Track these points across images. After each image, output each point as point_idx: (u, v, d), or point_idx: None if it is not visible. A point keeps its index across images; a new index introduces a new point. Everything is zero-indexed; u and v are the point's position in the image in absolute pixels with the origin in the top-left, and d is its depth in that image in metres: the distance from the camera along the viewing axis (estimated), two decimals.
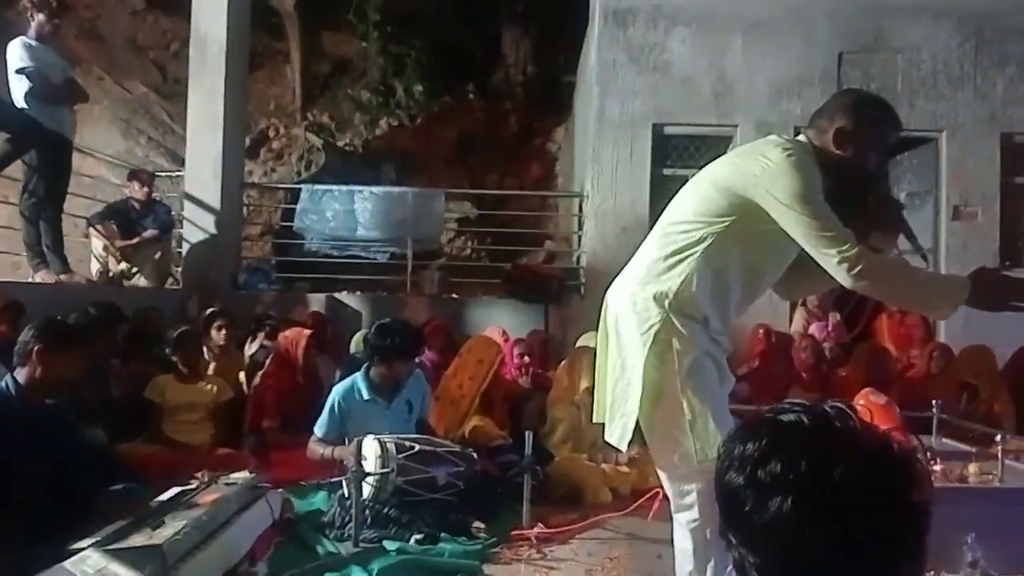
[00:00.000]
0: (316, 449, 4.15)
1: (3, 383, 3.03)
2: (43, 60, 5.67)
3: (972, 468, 3.61)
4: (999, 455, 3.54)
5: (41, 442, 2.98)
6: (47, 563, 2.05)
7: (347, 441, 4.02)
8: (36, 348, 2.95)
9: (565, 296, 7.53)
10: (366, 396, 4.15)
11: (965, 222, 7.44)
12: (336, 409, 4.14)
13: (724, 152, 7.57)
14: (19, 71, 5.57)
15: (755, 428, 1.00)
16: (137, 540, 2.52)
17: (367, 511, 3.54)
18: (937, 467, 3.64)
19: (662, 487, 2.40)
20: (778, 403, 1.04)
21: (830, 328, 6.71)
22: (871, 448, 0.96)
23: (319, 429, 4.17)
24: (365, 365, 4.28)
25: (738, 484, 0.97)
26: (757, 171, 2.16)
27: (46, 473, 2.94)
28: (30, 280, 5.97)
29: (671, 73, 7.54)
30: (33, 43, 5.66)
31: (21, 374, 2.99)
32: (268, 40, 11.72)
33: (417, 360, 5.60)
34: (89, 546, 2.31)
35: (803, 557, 0.93)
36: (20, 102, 5.59)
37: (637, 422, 2.19)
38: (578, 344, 5.50)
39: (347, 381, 4.24)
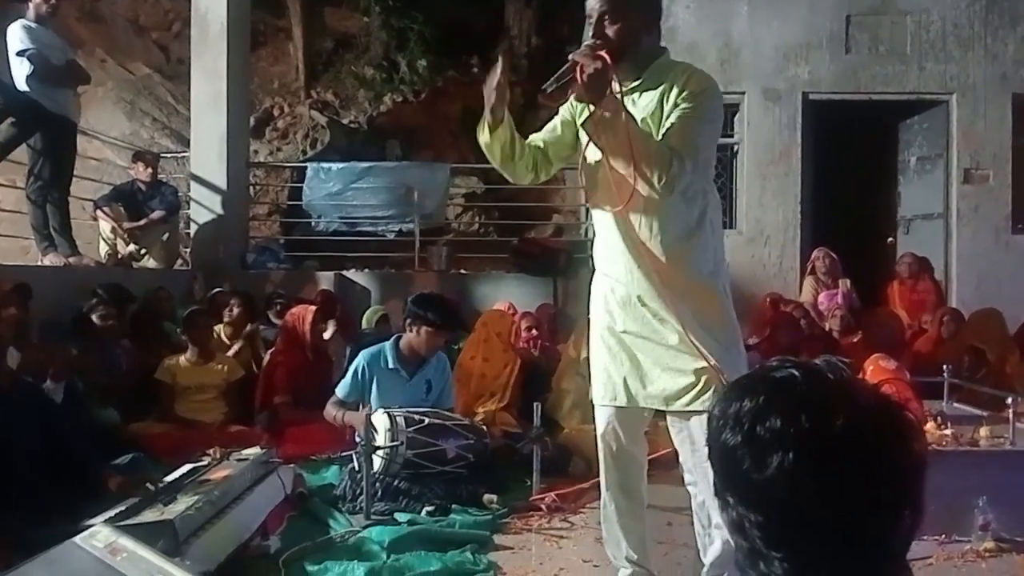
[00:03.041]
0: (331, 411, 4.19)
1: None
2: (43, 42, 5.66)
3: (983, 431, 3.60)
4: (1010, 418, 3.53)
5: (28, 422, 3.02)
6: (58, 539, 2.07)
7: (360, 407, 4.05)
8: None
9: (573, 269, 7.51)
10: (391, 365, 4.16)
11: (976, 185, 7.36)
12: (360, 373, 4.16)
13: (730, 120, 7.61)
14: (19, 53, 5.55)
15: (749, 385, 0.99)
16: (149, 516, 2.55)
17: (378, 484, 3.56)
18: (948, 431, 3.63)
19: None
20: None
21: (840, 297, 6.67)
22: (869, 399, 0.95)
23: (340, 390, 4.20)
24: (396, 336, 4.31)
25: (735, 443, 0.96)
26: None
27: (35, 451, 2.98)
28: (39, 264, 6.00)
29: (676, 40, 7.42)
30: (33, 25, 5.64)
31: None
32: (269, 17, 11.63)
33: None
34: (101, 522, 2.33)
35: (807, 511, 0.92)
36: (22, 85, 5.58)
37: None
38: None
39: (375, 347, 4.26)
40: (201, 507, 2.68)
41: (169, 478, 3.01)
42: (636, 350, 2.37)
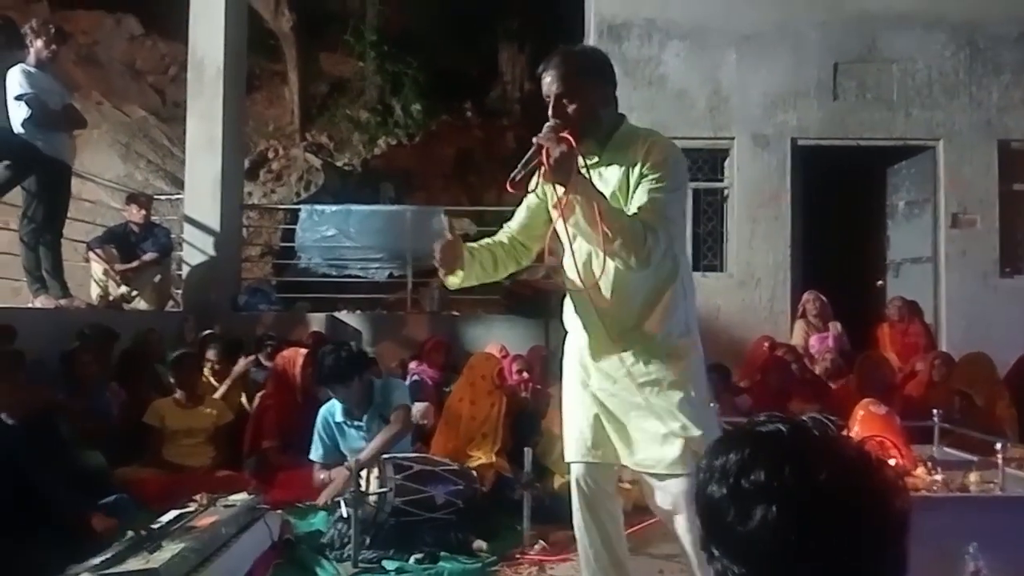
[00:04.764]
0: (317, 476, 4.27)
1: None
2: (42, 87, 5.71)
3: (973, 477, 3.58)
4: (1000, 463, 3.52)
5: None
6: None
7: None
8: None
9: None
10: (338, 418, 4.24)
11: (964, 229, 7.44)
12: (322, 431, 4.26)
13: (720, 165, 7.71)
14: (18, 98, 5.61)
15: (735, 439, 1.01)
16: (134, 564, 2.52)
17: (366, 531, 3.53)
18: (938, 476, 3.62)
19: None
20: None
21: (831, 340, 6.69)
22: (851, 455, 0.97)
23: (314, 455, 4.29)
24: None
25: (720, 495, 0.97)
26: None
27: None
28: (30, 305, 5.99)
29: (666, 87, 7.57)
30: (32, 70, 5.70)
31: None
32: (265, 62, 11.81)
33: (416, 378, 5.62)
34: (85, 570, 2.30)
35: (789, 564, 0.93)
36: (19, 128, 5.62)
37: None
38: None
39: (328, 404, 4.34)
40: (187, 555, 2.65)
41: (155, 525, 2.98)
42: (612, 408, 2.37)
